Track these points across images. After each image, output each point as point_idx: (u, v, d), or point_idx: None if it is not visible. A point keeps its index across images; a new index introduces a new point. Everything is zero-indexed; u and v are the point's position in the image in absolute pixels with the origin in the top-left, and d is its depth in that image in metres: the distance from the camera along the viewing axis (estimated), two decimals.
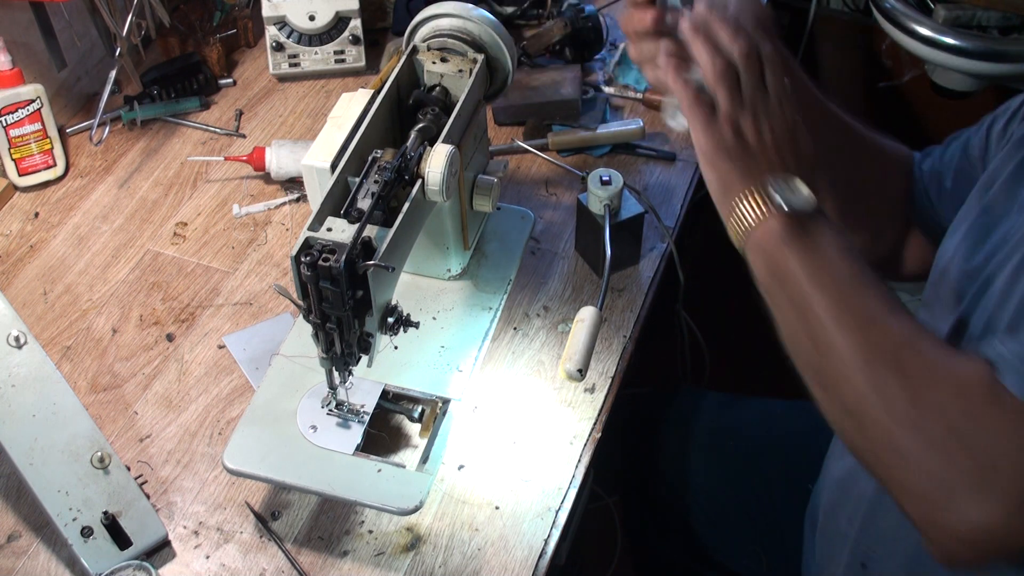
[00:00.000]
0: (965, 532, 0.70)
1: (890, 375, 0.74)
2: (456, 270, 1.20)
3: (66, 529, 0.96)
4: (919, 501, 0.73)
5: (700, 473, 1.33)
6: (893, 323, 0.77)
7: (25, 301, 1.24)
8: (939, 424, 0.71)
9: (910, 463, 0.72)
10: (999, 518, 0.69)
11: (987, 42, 1.75)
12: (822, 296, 0.78)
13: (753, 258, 0.83)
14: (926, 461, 0.71)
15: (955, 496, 0.70)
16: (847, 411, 0.77)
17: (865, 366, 0.75)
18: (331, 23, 1.51)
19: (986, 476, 0.69)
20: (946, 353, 0.76)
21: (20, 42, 1.37)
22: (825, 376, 0.78)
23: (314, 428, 1.02)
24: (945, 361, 0.75)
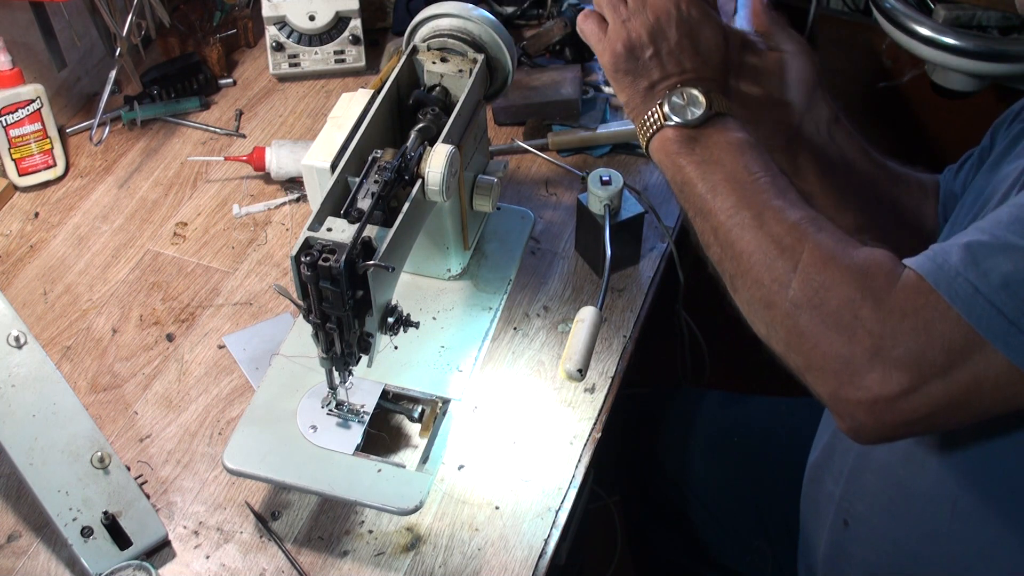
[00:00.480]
0: (868, 403, 0.73)
1: (787, 262, 0.78)
2: (456, 270, 1.20)
3: (66, 529, 0.96)
4: (826, 378, 0.75)
5: (700, 472, 1.33)
6: (788, 215, 0.80)
7: (25, 301, 1.24)
8: (837, 302, 0.75)
9: (814, 343, 0.76)
10: (898, 388, 0.72)
11: (987, 42, 1.75)
12: (717, 197, 0.83)
13: (662, 166, 0.88)
14: (827, 339, 0.74)
15: (857, 369, 0.73)
16: (755, 302, 0.80)
17: (764, 257, 0.79)
18: (331, 23, 1.51)
19: (885, 349, 0.72)
20: (844, 240, 0.79)
21: (20, 42, 1.37)
22: (732, 276, 0.83)
23: (314, 428, 1.02)
24: (843, 246, 0.78)
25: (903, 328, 0.72)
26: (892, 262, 0.76)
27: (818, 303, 0.75)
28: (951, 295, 0.71)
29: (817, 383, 0.77)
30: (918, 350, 0.72)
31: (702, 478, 1.33)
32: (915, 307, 0.72)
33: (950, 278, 0.71)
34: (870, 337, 0.73)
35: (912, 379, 0.72)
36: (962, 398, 0.73)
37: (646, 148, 0.90)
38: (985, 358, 0.71)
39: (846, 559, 1.06)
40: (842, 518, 1.04)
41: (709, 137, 0.86)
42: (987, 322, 0.70)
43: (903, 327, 0.72)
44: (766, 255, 0.79)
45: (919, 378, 0.72)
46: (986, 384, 0.72)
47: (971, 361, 0.71)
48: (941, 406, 0.73)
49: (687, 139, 0.86)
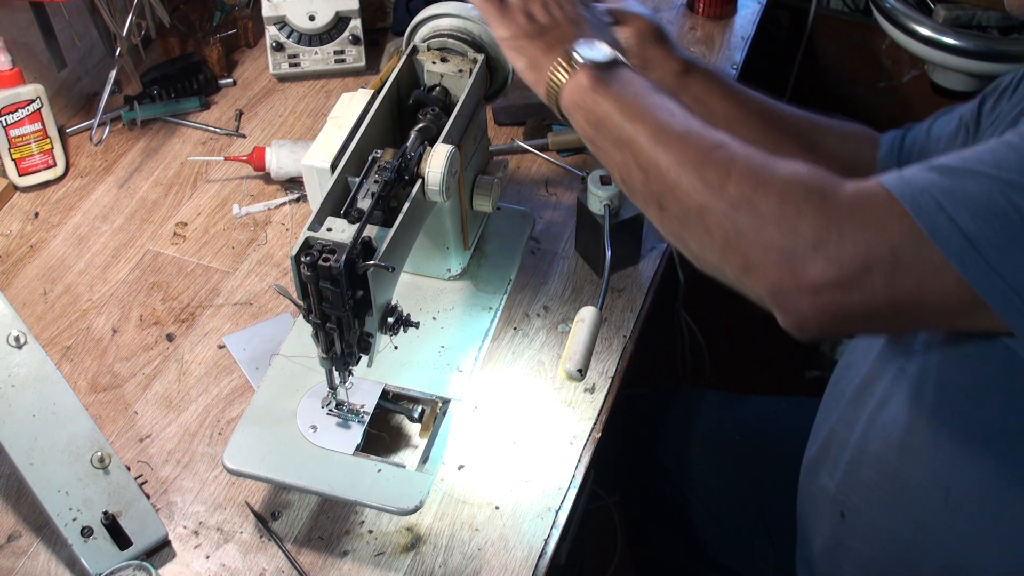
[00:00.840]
0: (810, 291, 0.73)
1: (721, 167, 0.78)
2: (456, 270, 1.20)
3: (66, 529, 0.96)
4: (767, 272, 0.75)
5: (700, 472, 1.33)
6: (711, 132, 0.82)
7: (25, 301, 1.24)
8: (778, 197, 0.75)
9: (754, 238, 0.76)
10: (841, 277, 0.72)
11: (987, 42, 1.75)
12: (637, 125, 0.84)
13: (572, 115, 0.90)
14: (768, 233, 0.75)
15: (799, 259, 0.73)
16: (688, 212, 0.80)
17: (696, 164, 0.80)
18: (331, 23, 1.51)
19: (830, 241, 0.72)
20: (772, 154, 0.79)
21: (20, 42, 1.37)
22: (660, 195, 0.83)
23: (314, 428, 1.02)
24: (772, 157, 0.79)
25: (851, 222, 0.73)
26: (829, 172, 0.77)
27: (756, 200, 0.76)
28: (914, 207, 0.71)
29: (758, 281, 0.77)
30: (865, 244, 0.72)
31: (702, 478, 1.33)
32: (868, 206, 0.73)
33: (915, 192, 0.72)
34: (814, 229, 0.73)
35: (855, 271, 0.72)
36: (903, 302, 0.73)
37: (557, 101, 0.91)
38: (934, 270, 0.71)
39: (843, 552, 1.06)
40: (838, 511, 1.05)
41: (620, 76, 0.89)
42: (946, 238, 0.70)
43: (851, 221, 0.73)
44: (696, 163, 0.80)
45: (863, 271, 0.72)
46: (929, 295, 0.72)
47: (918, 268, 0.72)
48: (882, 305, 0.73)
49: (600, 79, 0.88)
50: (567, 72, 0.90)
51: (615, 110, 0.86)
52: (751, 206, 0.76)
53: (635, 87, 0.88)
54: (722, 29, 1.62)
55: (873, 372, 1.00)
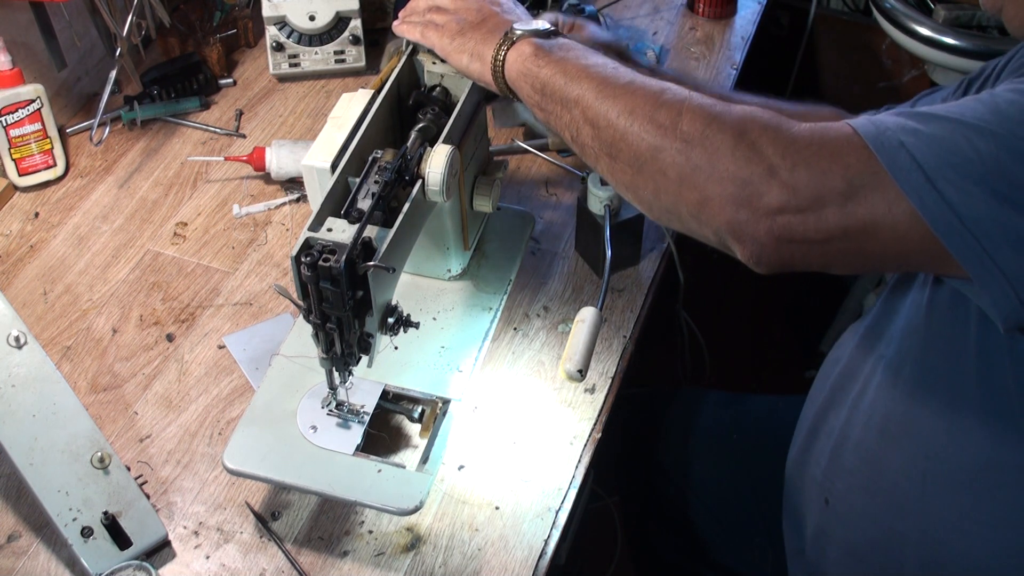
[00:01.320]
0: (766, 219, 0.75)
1: (671, 108, 0.80)
2: (456, 270, 1.20)
3: (66, 529, 0.96)
4: (723, 205, 0.77)
5: (700, 472, 1.33)
6: (651, 80, 0.85)
7: (25, 301, 1.24)
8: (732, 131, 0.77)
9: (709, 172, 0.77)
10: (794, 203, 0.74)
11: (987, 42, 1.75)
12: (582, 82, 0.87)
13: (518, 87, 0.94)
14: (723, 164, 0.76)
15: (755, 188, 0.75)
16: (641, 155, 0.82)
17: (643, 112, 0.82)
18: (331, 23, 1.51)
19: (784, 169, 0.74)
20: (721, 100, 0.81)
21: (20, 42, 1.37)
22: (610, 145, 0.85)
23: (314, 428, 1.02)
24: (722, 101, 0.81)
25: (806, 152, 0.74)
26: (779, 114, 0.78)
27: (711, 133, 0.78)
28: (876, 144, 0.73)
29: (715, 214, 0.78)
30: (820, 172, 0.74)
31: (702, 478, 1.33)
32: (826, 139, 0.75)
33: (879, 131, 0.73)
34: (769, 158, 0.75)
35: (809, 197, 0.74)
36: (857, 232, 0.74)
37: (502, 76, 0.95)
38: (888, 202, 0.73)
39: (827, 538, 1.07)
40: (823, 498, 1.06)
41: (560, 43, 0.93)
42: (905, 174, 0.72)
43: (806, 151, 0.74)
44: (647, 107, 0.82)
45: (816, 199, 0.74)
46: (883, 227, 0.74)
47: (873, 200, 0.73)
48: (836, 233, 0.74)
49: (541, 47, 0.93)
50: (508, 48, 0.94)
51: (559, 72, 0.90)
52: (705, 140, 0.78)
53: (576, 51, 0.92)
54: (722, 29, 1.62)
55: (854, 359, 1.02)
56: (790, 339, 2.19)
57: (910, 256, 0.77)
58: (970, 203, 0.70)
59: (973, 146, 0.71)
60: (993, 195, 0.70)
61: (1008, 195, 0.70)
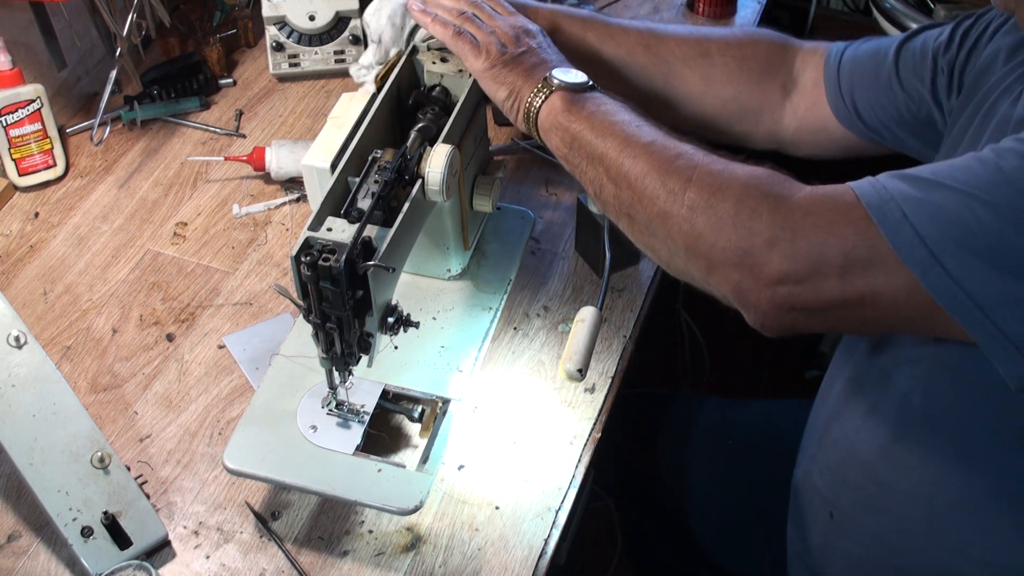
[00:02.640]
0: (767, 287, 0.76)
1: (681, 175, 0.82)
2: (456, 270, 1.20)
3: (66, 529, 0.96)
4: (728, 272, 0.79)
5: (698, 476, 1.33)
6: (676, 143, 0.87)
7: (25, 301, 1.24)
8: (735, 199, 0.78)
9: (713, 240, 0.79)
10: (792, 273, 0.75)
11: None
12: (607, 140, 0.89)
13: (548, 137, 0.96)
14: (726, 235, 0.78)
15: (756, 258, 0.76)
16: (653, 219, 0.84)
17: (658, 174, 0.84)
18: (331, 23, 1.51)
19: (784, 240, 0.76)
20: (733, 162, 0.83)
21: (20, 42, 1.37)
22: (629, 205, 0.87)
23: (314, 428, 1.02)
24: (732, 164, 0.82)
25: (806, 223, 0.75)
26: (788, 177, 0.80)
27: (715, 203, 0.79)
28: (879, 215, 0.73)
29: (721, 282, 0.80)
30: (818, 244, 0.75)
31: (700, 481, 1.33)
32: (825, 209, 0.75)
33: (883, 200, 0.74)
34: (769, 229, 0.76)
35: (806, 269, 0.75)
36: (855, 303, 0.75)
37: (535, 123, 0.97)
38: (889, 274, 0.73)
39: (831, 550, 1.07)
40: (828, 511, 1.05)
41: (593, 99, 0.94)
42: (908, 247, 0.72)
43: (806, 222, 0.75)
44: (660, 172, 0.84)
45: (813, 270, 0.75)
46: (883, 297, 0.74)
47: (873, 272, 0.74)
48: (835, 304, 0.76)
49: (573, 102, 0.94)
50: (544, 96, 0.96)
51: (587, 128, 0.91)
52: (710, 209, 0.79)
53: (606, 106, 0.93)
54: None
55: (862, 373, 1.01)
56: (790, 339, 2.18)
57: (914, 322, 0.77)
58: (974, 276, 0.71)
59: (977, 218, 0.70)
60: (997, 268, 0.70)
61: (1012, 267, 0.70)
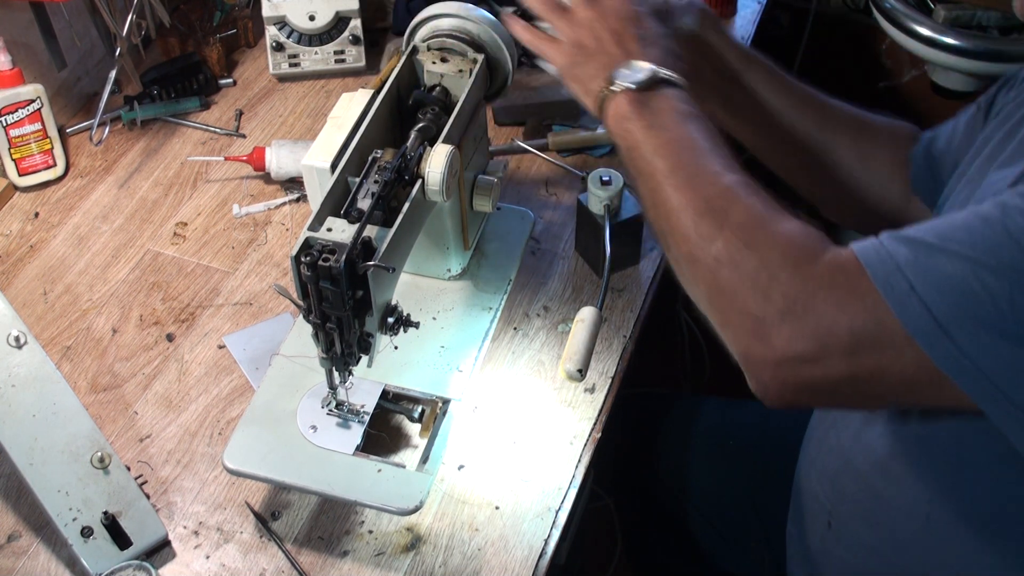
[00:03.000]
0: (772, 363, 0.75)
1: (714, 220, 0.80)
2: (456, 270, 1.20)
3: (66, 529, 0.96)
4: (739, 335, 0.78)
5: (698, 477, 1.33)
6: (721, 179, 0.83)
7: (25, 301, 1.24)
8: (758, 261, 0.77)
9: (731, 299, 0.78)
10: (800, 353, 0.74)
11: (987, 42, 1.75)
12: (658, 160, 0.86)
13: (615, 139, 0.92)
14: (743, 296, 0.77)
15: (767, 329, 0.75)
16: (682, 258, 0.84)
17: (693, 214, 0.82)
18: (331, 23, 1.51)
19: (795, 313, 0.74)
20: (775, 208, 0.81)
21: (20, 42, 1.37)
22: (665, 234, 0.86)
23: (314, 428, 1.02)
24: (772, 213, 0.80)
25: (818, 298, 0.74)
26: (819, 237, 0.78)
27: (739, 260, 0.78)
28: (885, 287, 0.72)
29: (731, 340, 0.79)
30: (827, 323, 0.73)
31: (699, 483, 1.33)
32: (836, 282, 0.74)
33: (888, 270, 0.72)
34: (784, 299, 0.75)
35: (815, 349, 0.74)
36: (864, 379, 0.74)
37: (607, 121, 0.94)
38: (898, 349, 0.72)
39: (828, 558, 1.07)
40: (826, 519, 1.05)
41: (657, 103, 0.90)
42: (916, 320, 0.71)
43: (818, 297, 0.74)
44: (695, 212, 0.82)
45: (821, 350, 0.73)
46: (892, 373, 0.73)
47: (881, 349, 0.72)
48: (843, 383, 0.75)
49: (637, 104, 0.90)
50: (611, 96, 0.92)
51: (644, 140, 0.88)
52: (734, 265, 0.78)
53: (666, 117, 0.89)
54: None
55: None
56: None
57: (922, 394, 0.76)
58: (984, 349, 0.70)
59: (984, 285, 0.69)
60: (1007, 337, 0.69)
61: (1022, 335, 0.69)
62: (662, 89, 0.91)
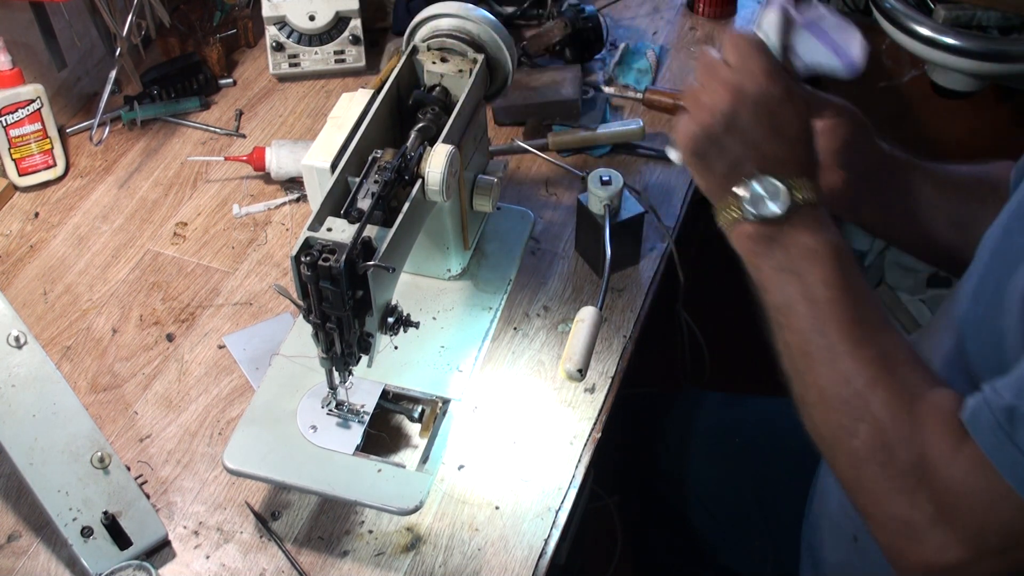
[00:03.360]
0: (924, 568, 0.73)
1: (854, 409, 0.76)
2: (456, 270, 1.20)
3: (66, 529, 0.96)
4: (886, 533, 0.76)
5: (700, 474, 1.33)
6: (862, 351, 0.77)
7: (25, 301, 1.24)
8: (901, 464, 0.74)
9: (876, 499, 0.76)
10: (955, 560, 0.72)
11: (987, 42, 1.75)
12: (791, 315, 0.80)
13: (738, 250, 0.85)
14: (889, 498, 0.74)
15: (917, 534, 0.73)
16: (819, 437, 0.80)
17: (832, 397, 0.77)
18: (331, 23, 1.51)
19: (945, 520, 0.72)
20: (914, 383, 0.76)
21: (20, 42, 1.37)
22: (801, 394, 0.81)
23: (314, 428, 1.02)
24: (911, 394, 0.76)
25: (963, 503, 0.72)
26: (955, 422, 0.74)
27: (882, 460, 0.75)
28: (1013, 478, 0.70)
29: (878, 533, 0.77)
30: (977, 527, 0.71)
31: (701, 479, 1.33)
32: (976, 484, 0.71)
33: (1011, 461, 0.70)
34: (931, 505, 0.72)
35: (969, 554, 0.72)
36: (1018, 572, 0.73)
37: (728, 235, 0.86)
38: None
39: (850, 571, 1.06)
40: (852, 533, 1.03)
41: (789, 238, 0.80)
42: None
43: (963, 502, 0.72)
44: (835, 395, 0.77)
45: (976, 553, 0.72)
46: None
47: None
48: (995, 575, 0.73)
49: (765, 238, 0.81)
50: (735, 214, 0.82)
51: (774, 287, 0.81)
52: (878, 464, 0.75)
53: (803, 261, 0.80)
54: (722, 29, 1.62)
55: None
56: None
57: None
58: None
59: None
60: None
61: None
62: (796, 217, 0.80)
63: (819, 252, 0.79)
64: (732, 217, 0.82)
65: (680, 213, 1.32)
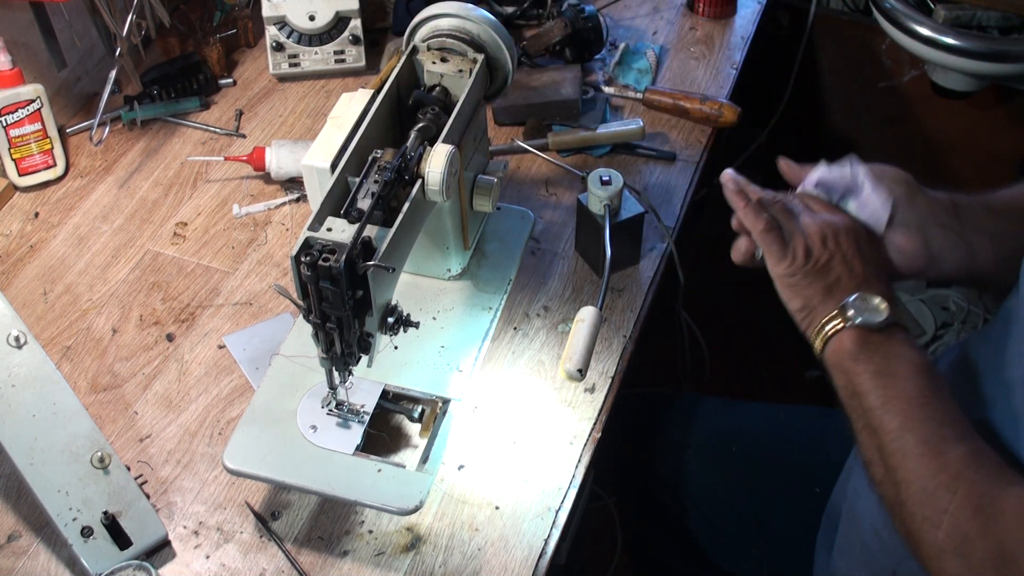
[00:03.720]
0: None
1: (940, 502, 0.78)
2: (456, 270, 1.20)
3: (66, 529, 0.96)
4: None
5: (697, 478, 1.33)
6: (951, 448, 0.80)
7: (25, 301, 1.24)
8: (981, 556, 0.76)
9: None
10: None
11: (987, 42, 1.75)
12: (887, 415, 0.83)
13: (832, 373, 0.88)
14: None
15: None
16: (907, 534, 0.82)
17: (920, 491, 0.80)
18: (331, 23, 1.51)
19: None
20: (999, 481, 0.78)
21: (20, 42, 1.37)
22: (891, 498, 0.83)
23: (314, 428, 1.02)
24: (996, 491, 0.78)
25: None
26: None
27: (964, 553, 0.77)
28: None
29: None
30: None
31: (699, 483, 1.33)
32: None
33: None
34: None
35: None
36: None
37: (821, 352, 0.89)
38: None
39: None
40: (892, 567, 1.03)
41: (888, 347, 0.85)
42: None
43: None
44: (922, 489, 0.80)
45: None
46: None
47: None
48: None
49: (866, 345, 0.85)
50: (838, 327, 0.87)
51: (872, 389, 0.84)
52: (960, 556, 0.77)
53: (901, 367, 0.84)
54: (722, 29, 1.62)
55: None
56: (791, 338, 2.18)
57: None
58: None
59: None
60: None
61: None
62: (892, 334, 0.86)
63: (914, 359, 0.85)
64: (834, 327, 0.87)
65: (680, 213, 1.32)
